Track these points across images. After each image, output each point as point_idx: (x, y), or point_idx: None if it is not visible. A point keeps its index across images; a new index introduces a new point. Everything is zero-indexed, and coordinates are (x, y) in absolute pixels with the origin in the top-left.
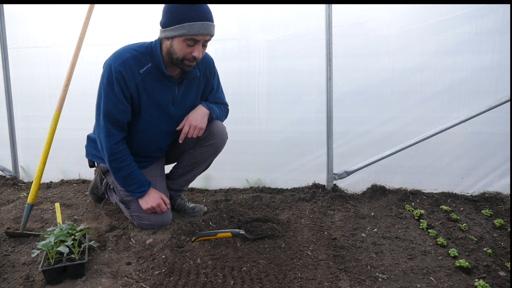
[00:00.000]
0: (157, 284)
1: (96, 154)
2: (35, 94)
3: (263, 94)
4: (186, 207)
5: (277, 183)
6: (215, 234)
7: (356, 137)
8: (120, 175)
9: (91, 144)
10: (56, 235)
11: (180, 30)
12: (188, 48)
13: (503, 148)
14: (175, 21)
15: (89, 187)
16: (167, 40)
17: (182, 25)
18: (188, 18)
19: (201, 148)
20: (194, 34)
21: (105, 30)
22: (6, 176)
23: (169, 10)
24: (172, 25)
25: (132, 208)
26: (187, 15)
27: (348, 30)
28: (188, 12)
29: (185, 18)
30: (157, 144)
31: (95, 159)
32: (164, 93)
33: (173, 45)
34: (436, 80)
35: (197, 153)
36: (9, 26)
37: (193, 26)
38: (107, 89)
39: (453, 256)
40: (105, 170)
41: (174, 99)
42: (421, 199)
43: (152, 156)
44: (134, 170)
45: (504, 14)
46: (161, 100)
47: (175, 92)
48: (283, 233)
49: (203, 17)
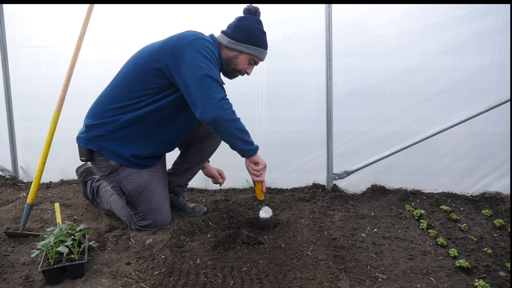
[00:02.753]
0: (156, 284)
1: (108, 146)
2: (35, 94)
3: (263, 94)
4: (186, 206)
5: (277, 183)
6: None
7: (356, 137)
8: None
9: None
10: (56, 235)
11: (254, 51)
12: (248, 65)
13: (503, 148)
14: (252, 42)
15: (82, 192)
16: (233, 51)
17: (256, 48)
18: (263, 45)
19: (210, 140)
20: (260, 58)
21: (105, 30)
22: (6, 176)
23: (248, 31)
24: (248, 43)
25: (139, 209)
26: (263, 42)
27: (348, 29)
28: (263, 41)
29: (261, 44)
30: (186, 133)
31: (105, 152)
32: None
33: (239, 57)
34: (436, 80)
35: (206, 146)
36: (8, 26)
37: (263, 53)
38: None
39: (453, 256)
40: (114, 169)
41: None
42: (421, 199)
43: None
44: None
45: (505, 14)
46: None
47: None
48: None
49: (267, 47)
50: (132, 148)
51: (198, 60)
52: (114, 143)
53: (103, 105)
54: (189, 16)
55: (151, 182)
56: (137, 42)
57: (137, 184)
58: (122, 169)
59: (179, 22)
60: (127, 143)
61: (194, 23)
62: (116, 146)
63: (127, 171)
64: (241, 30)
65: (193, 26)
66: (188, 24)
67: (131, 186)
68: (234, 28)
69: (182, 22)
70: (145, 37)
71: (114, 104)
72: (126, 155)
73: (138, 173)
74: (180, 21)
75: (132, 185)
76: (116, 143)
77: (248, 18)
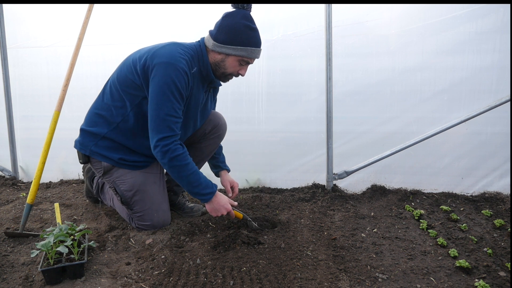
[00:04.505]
0: (156, 284)
1: (97, 151)
2: (35, 94)
3: (263, 94)
4: (185, 206)
5: (276, 183)
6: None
7: (356, 137)
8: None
9: (88, 138)
10: (56, 235)
11: (241, 51)
12: (239, 66)
13: (504, 148)
14: (238, 42)
15: (84, 190)
16: (219, 55)
17: (244, 48)
18: (252, 43)
19: (208, 141)
20: (252, 58)
21: (105, 30)
22: (6, 176)
23: (232, 30)
24: (233, 44)
25: (135, 209)
26: (251, 40)
27: (348, 29)
28: (252, 38)
29: (249, 43)
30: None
31: (96, 156)
32: (198, 97)
33: (226, 61)
34: (436, 80)
35: (203, 146)
36: (8, 26)
37: (254, 51)
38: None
39: (453, 256)
40: (107, 170)
41: (202, 103)
42: (421, 199)
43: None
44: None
45: (505, 14)
46: (194, 103)
47: (204, 97)
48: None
49: (260, 44)
50: (120, 154)
51: (162, 95)
52: (103, 149)
53: (92, 111)
54: (189, 16)
55: (145, 183)
56: (137, 42)
57: (129, 184)
58: (115, 170)
59: (179, 22)
60: (114, 150)
61: (194, 23)
62: (105, 151)
63: (120, 171)
64: (226, 30)
65: (193, 26)
66: (188, 24)
67: (124, 187)
68: (219, 28)
69: (182, 22)
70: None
71: (101, 111)
72: (115, 158)
73: (131, 174)
74: (180, 21)
75: (125, 185)
76: (104, 149)
77: (234, 14)
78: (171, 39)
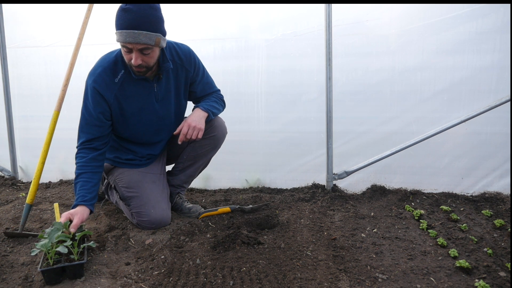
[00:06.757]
0: (156, 285)
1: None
2: (34, 94)
3: (262, 93)
4: (183, 206)
5: (276, 183)
6: (216, 210)
7: (356, 137)
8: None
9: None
10: (57, 237)
11: (116, 36)
12: (127, 54)
13: (503, 148)
14: (115, 26)
15: None
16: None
17: (116, 32)
18: (119, 25)
19: (202, 140)
20: (122, 42)
21: (105, 29)
22: (5, 176)
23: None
24: (115, 30)
25: (132, 205)
26: (118, 22)
27: (348, 29)
28: (119, 19)
29: (117, 25)
30: (150, 140)
31: None
32: (144, 94)
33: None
34: (436, 80)
35: (197, 146)
36: (7, 26)
37: (121, 34)
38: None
39: (453, 257)
40: (108, 169)
41: (156, 96)
42: (421, 199)
43: (150, 154)
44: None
45: (505, 14)
46: (143, 101)
47: (155, 89)
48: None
49: (131, 26)
50: (115, 153)
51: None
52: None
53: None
54: (189, 16)
55: (143, 180)
56: None
57: (126, 181)
58: (116, 169)
59: (179, 22)
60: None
61: (193, 23)
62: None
63: (119, 170)
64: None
65: (193, 26)
66: (187, 24)
67: (121, 183)
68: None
69: (182, 22)
70: None
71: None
72: (110, 157)
73: (129, 172)
74: (180, 21)
75: (122, 182)
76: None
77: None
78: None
